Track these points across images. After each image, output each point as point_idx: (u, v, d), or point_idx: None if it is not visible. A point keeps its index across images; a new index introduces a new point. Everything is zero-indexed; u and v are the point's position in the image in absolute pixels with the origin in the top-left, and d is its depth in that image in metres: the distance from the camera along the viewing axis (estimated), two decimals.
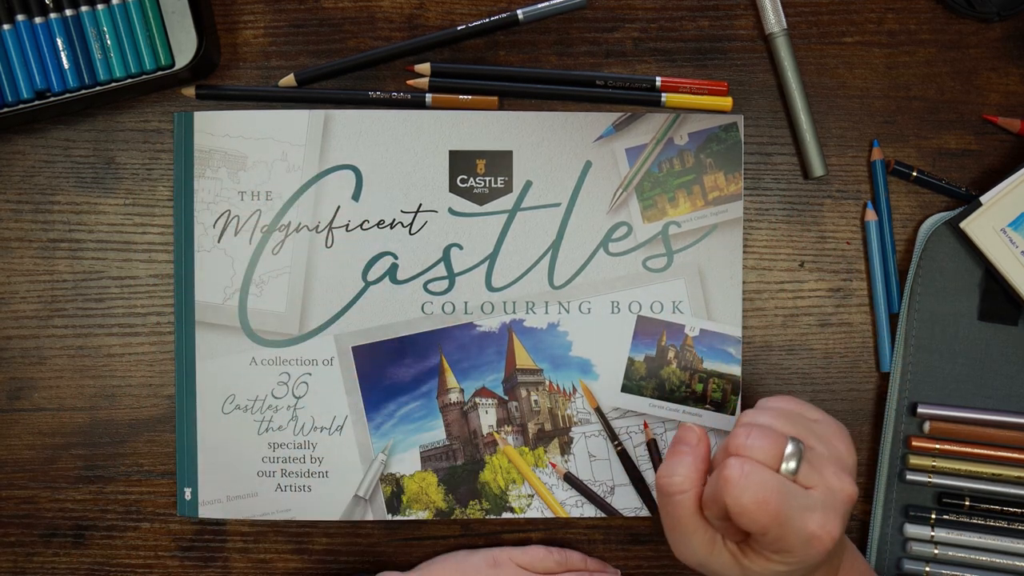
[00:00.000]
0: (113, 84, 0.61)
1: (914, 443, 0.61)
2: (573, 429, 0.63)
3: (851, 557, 0.54)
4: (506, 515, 0.63)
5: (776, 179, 0.63)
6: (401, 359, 0.62)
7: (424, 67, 0.62)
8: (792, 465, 0.46)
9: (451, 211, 0.62)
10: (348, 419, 0.62)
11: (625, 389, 0.63)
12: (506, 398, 0.63)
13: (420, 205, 0.62)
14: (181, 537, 0.63)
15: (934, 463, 0.61)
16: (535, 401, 0.63)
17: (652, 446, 0.63)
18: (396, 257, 0.62)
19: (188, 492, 0.62)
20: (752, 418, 0.49)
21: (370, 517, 0.62)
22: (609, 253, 0.62)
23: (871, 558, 0.62)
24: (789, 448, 0.46)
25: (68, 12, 0.60)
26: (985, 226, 0.60)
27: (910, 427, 0.62)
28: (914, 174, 0.62)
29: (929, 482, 0.62)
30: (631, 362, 0.63)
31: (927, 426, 0.61)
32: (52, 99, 0.60)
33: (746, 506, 0.45)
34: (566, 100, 0.63)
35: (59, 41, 0.60)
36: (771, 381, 0.63)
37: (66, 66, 0.60)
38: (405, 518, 0.62)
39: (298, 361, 0.62)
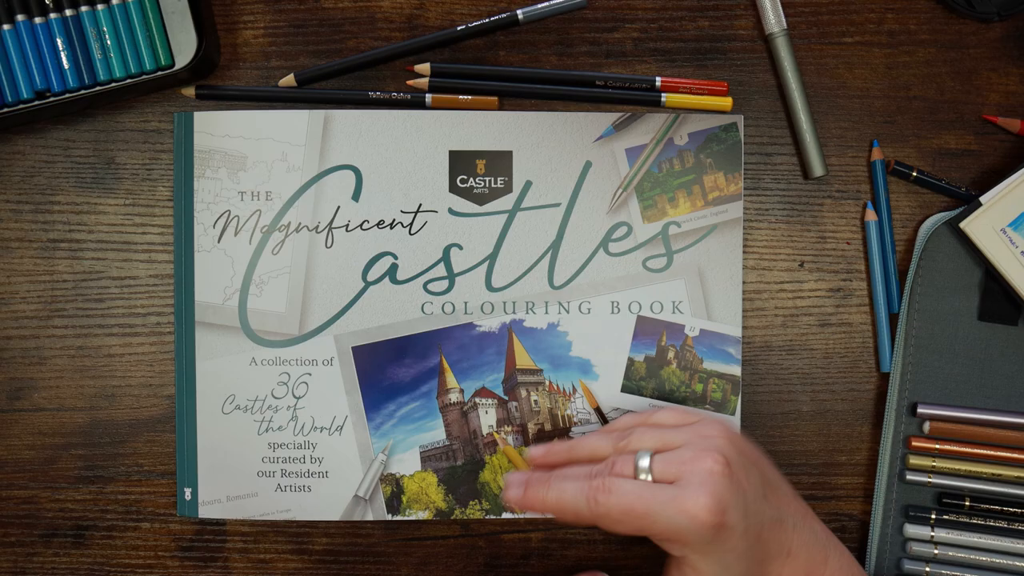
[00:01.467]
0: (113, 84, 0.61)
1: (914, 443, 0.61)
2: (573, 429, 0.63)
3: (839, 557, 0.53)
4: (506, 515, 0.63)
5: (776, 179, 0.63)
6: (401, 359, 0.62)
7: (424, 67, 0.62)
8: (644, 464, 0.49)
9: (451, 211, 0.62)
10: (348, 419, 0.62)
11: (625, 389, 0.63)
12: (506, 398, 0.63)
13: (420, 205, 0.62)
14: (181, 537, 0.64)
15: (934, 463, 0.61)
16: (535, 401, 0.63)
17: None
18: (396, 257, 0.62)
19: (188, 492, 0.62)
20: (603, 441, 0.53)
21: (370, 517, 0.62)
22: (609, 253, 0.62)
23: (871, 558, 0.62)
24: (638, 457, 0.50)
25: (68, 12, 0.60)
26: (985, 226, 0.60)
27: (910, 427, 0.62)
28: (914, 174, 0.62)
29: (929, 482, 0.62)
30: (631, 362, 0.63)
31: (927, 426, 0.61)
32: (52, 99, 0.60)
33: (614, 518, 0.49)
34: (566, 100, 0.63)
35: (59, 41, 0.60)
36: (771, 381, 0.63)
37: (66, 66, 0.60)
38: (405, 518, 0.62)
39: (298, 361, 0.62)
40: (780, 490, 0.52)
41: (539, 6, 0.62)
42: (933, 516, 0.61)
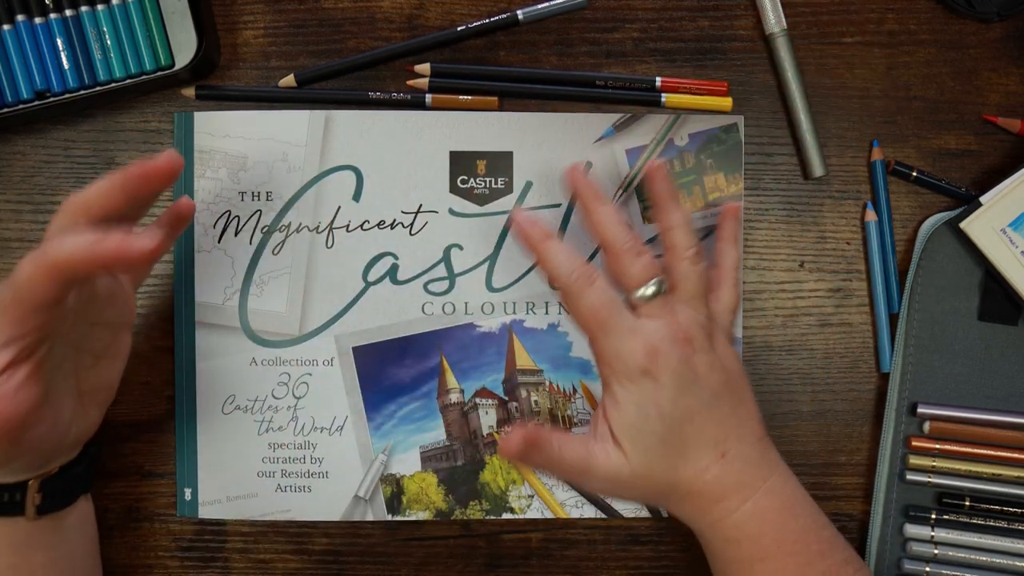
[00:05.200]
0: (113, 84, 0.60)
1: (914, 443, 0.62)
2: (573, 430, 0.63)
3: (782, 482, 0.53)
4: (506, 515, 0.63)
5: (776, 179, 0.63)
6: (401, 359, 0.62)
7: (424, 67, 0.62)
8: (647, 293, 0.52)
9: (451, 212, 0.62)
10: (348, 419, 0.62)
11: None
12: (506, 399, 0.63)
13: (420, 206, 0.62)
14: (181, 537, 0.63)
15: (934, 463, 0.61)
16: (535, 402, 0.63)
17: None
18: (396, 257, 0.62)
19: (188, 492, 0.62)
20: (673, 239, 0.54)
21: (370, 517, 0.62)
22: None
23: (871, 558, 0.62)
24: (652, 283, 0.52)
25: (68, 12, 0.60)
26: (985, 226, 0.60)
27: (910, 427, 0.62)
28: (914, 174, 0.62)
29: (929, 482, 0.62)
30: None
31: (927, 426, 0.61)
32: (52, 99, 0.60)
33: (579, 310, 0.51)
34: (566, 100, 0.63)
35: (59, 41, 0.60)
36: (771, 381, 0.63)
37: (66, 66, 0.60)
38: (405, 518, 0.62)
39: (298, 361, 0.62)
40: (742, 407, 0.53)
41: (539, 6, 0.62)
42: (933, 516, 0.61)
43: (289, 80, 0.62)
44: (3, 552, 0.50)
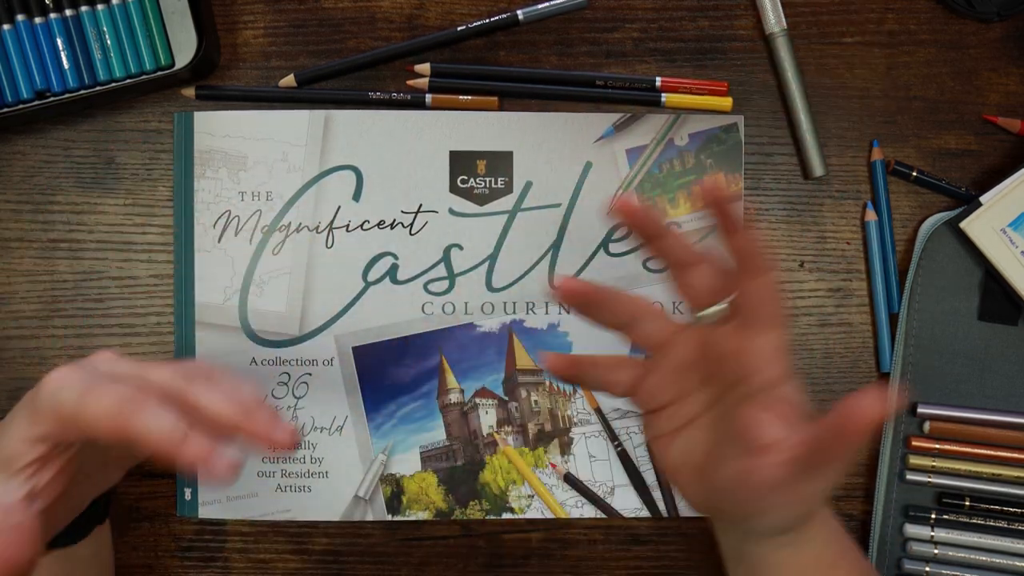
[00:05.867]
0: (113, 84, 0.60)
1: (914, 443, 0.62)
2: (573, 430, 0.63)
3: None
4: (506, 515, 0.63)
5: (776, 179, 0.63)
6: (401, 359, 0.62)
7: (424, 67, 0.62)
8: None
9: (451, 211, 0.62)
10: (348, 419, 0.62)
11: None
12: (506, 398, 0.63)
13: (420, 205, 0.62)
14: (181, 537, 0.63)
15: (934, 463, 0.61)
16: (535, 401, 0.63)
17: None
18: (396, 257, 0.62)
19: (188, 492, 0.62)
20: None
21: (370, 517, 0.62)
22: (609, 254, 0.62)
23: (871, 558, 0.62)
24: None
25: (68, 12, 0.60)
26: (985, 226, 0.60)
27: (910, 427, 0.62)
28: (914, 174, 0.62)
29: (929, 482, 0.62)
30: None
31: (927, 426, 0.61)
32: (52, 99, 0.60)
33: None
34: (566, 100, 0.63)
35: (59, 41, 0.60)
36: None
37: (66, 66, 0.60)
38: (405, 518, 0.62)
39: (298, 361, 0.62)
40: None
41: (539, 6, 0.62)
42: (933, 516, 0.61)
43: (289, 80, 0.62)
44: None
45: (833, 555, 0.49)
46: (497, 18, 0.62)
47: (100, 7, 0.60)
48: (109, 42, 0.60)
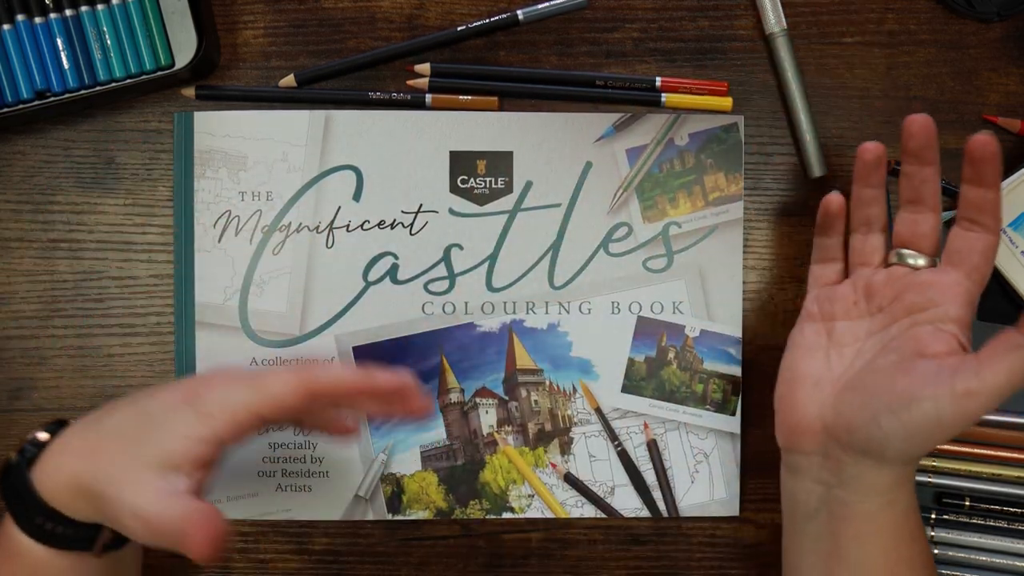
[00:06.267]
0: (113, 84, 0.60)
1: None
2: (573, 429, 0.63)
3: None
4: (506, 515, 0.63)
5: (776, 179, 0.63)
6: (402, 359, 0.62)
7: (424, 67, 0.62)
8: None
9: (451, 211, 0.62)
10: (348, 419, 0.62)
11: (625, 390, 0.63)
12: (506, 398, 0.63)
13: (421, 205, 0.62)
14: None
15: (934, 463, 0.61)
16: (535, 401, 0.63)
17: (652, 447, 0.63)
18: (397, 257, 0.62)
19: None
20: None
21: (370, 517, 0.62)
22: (609, 253, 0.62)
23: None
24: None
25: (68, 12, 0.60)
26: None
27: None
28: None
29: (929, 482, 0.62)
30: (631, 363, 0.63)
31: None
32: (52, 99, 0.60)
33: None
34: (566, 100, 0.63)
35: (59, 41, 0.60)
36: (771, 382, 0.63)
37: (66, 66, 0.60)
38: (405, 518, 0.63)
39: (299, 361, 0.62)
40: None
41: (539, 6, 0.62)
42: (933, 516, 0.61)
43: (289, 80, 0.62)
44: None
45: (914, 526, 0.51)
46: (497, 18, 0.62)
47: (100, 7, 0.60)
48: (109, 42, 0.60)
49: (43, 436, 0.50)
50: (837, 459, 0.50)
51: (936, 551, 0.61)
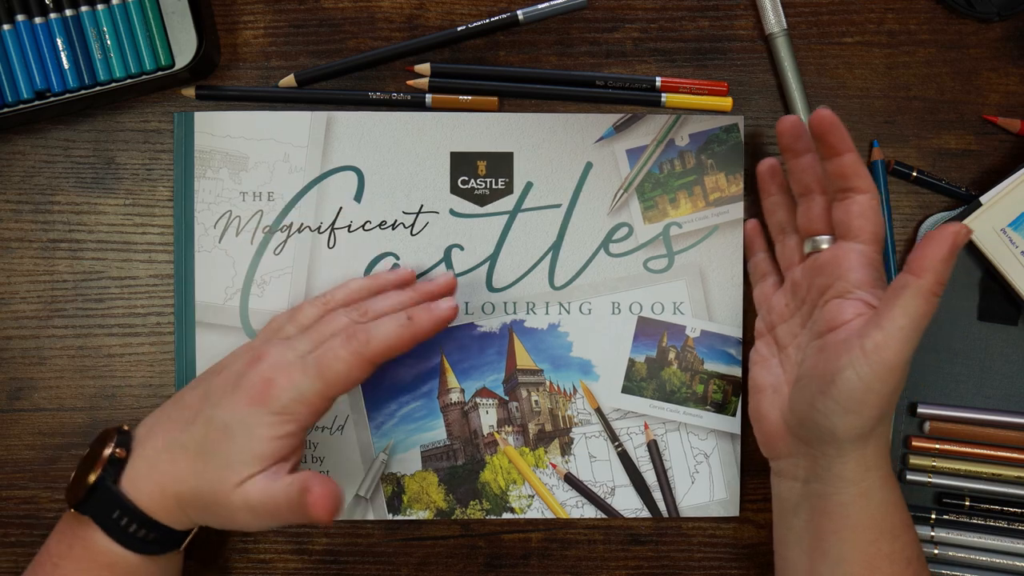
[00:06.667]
0: (113, 84, 0.60)
1: (914, 443, 0.62)
2: (573, 430, 0.63)
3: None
4: (506, 515, 0.63)
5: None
6: (402, 359, 0.62)
7: (424, 67, 0.62)
8: None
9: (452, 212, 0.62)
10: (349, 419, 0.62)
11: (626, 390, 0.63)
12: (506, 398, 0.63)
13: (421, 206, 0.62)
14: None
15: (934, 463, 0.62)
16: (535, 401, 0.63)
17: (653, 447, 0.63)
18: (398, 258, 0.62)
19: None
20: None
21: (371, 516, 0.63)
22: (610, 254, 0.62)
23: None
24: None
25: (68, 12, 0.60)
26: (985, 226, 0.60)
27: (910, 427, 0.62)
28: (914, 174, 0.62)
29: (929, 482, 0.62)
30: (632, 363, 0.63)
31: (927, 426, 0.61)
32: (52, 99, 0.60)
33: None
34: (566, 100, 0.63)
35: (59, 41, 0.60)
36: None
37: (66, 66, 0.60)
38: (406, 517, 0.63)
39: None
40: None
41: (539, 6, 0.62)
42: (933, 516, 0.62)
43: (289, 80, 0.62)
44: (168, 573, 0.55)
45: (894, 523, 0.52)
46: (497, 18, 0.62)
47: (100, 7, 0.60)
48: (109, 42, 0.60)
49: (120, 452, 0.52)
50: (806, 455, 0.52)
51: (936, 551, 0.61)
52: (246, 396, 0.50)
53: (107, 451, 0.52)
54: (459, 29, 0.62)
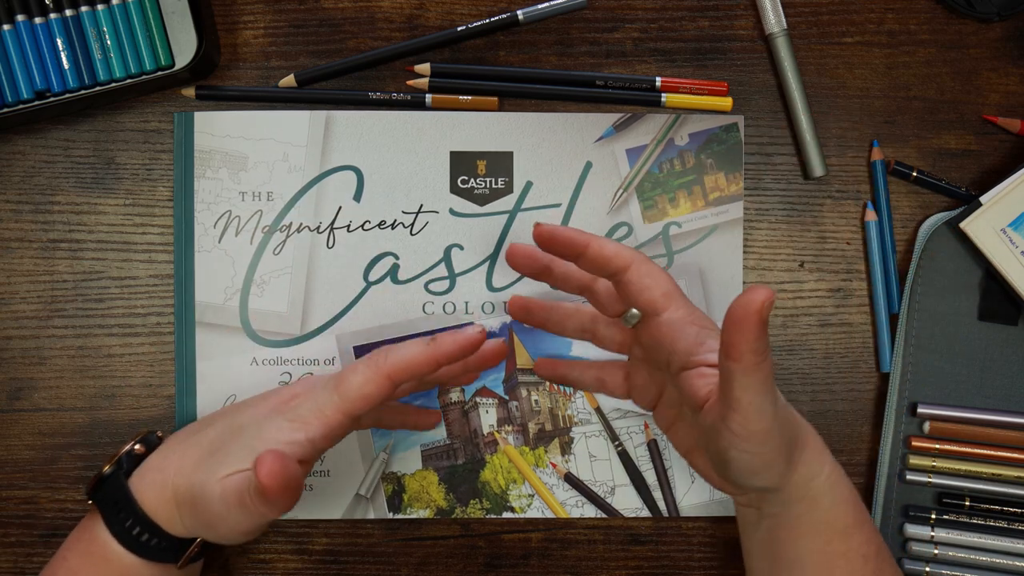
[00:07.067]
0: (113, 84, 0.60)
1: (914, 443, 0.62)
2: (573, 429, 0.63)
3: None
4: (506, 515, 0.63)
5: (776, 179, 0.64)
6: None
7: (424, 67, 0.62)
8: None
9: (452, 212, 0.62)
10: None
11: None
12: (507, 398, 0.63)
13: (421, 206, 0.62)
14: None
15: (934, 463, 0.62)
16: (535, 401, 0.63)
17: (653, 447, 0.63)
18: (397, 257, 0.62)
19: None
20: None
21: (371, 515, 0.63)
22: None
23: None
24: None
25: (68, 12, 0.60)
26: (985, 226, 0.60)
27: (910, 427, 0.62)
28: (914, 174, 0.62)
29: (929, 482, 0.62)
30: None
31: (927, 426, 0.61)
32: (52, 99, 0.60)
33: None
34: (566, 100, 0.63)
35: (59, 41, 0.60)
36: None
37: (66, 66, 0.60)
38: (406, 516, 0.63)
39: (299, 361, 0.62)
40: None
41: (539, 6, 0.62)
42: (933, 516, 0.61)
43: (289, 80, 0.62)
44: None
45: (848, 521, 0.53)
46: (497, 18, 0.62)
47: (100, 7, 0.60)
48: (109, 42, 0.60)
49: (139, 448, 0.54)
50: (750, 492, 0.53)
51: (936, 551, 0.61)
52: (270, 405, 0.52)
53: (128, 446, 0.54)
54: (459, 29, 0.62)
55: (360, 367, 0.50)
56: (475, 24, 0.62)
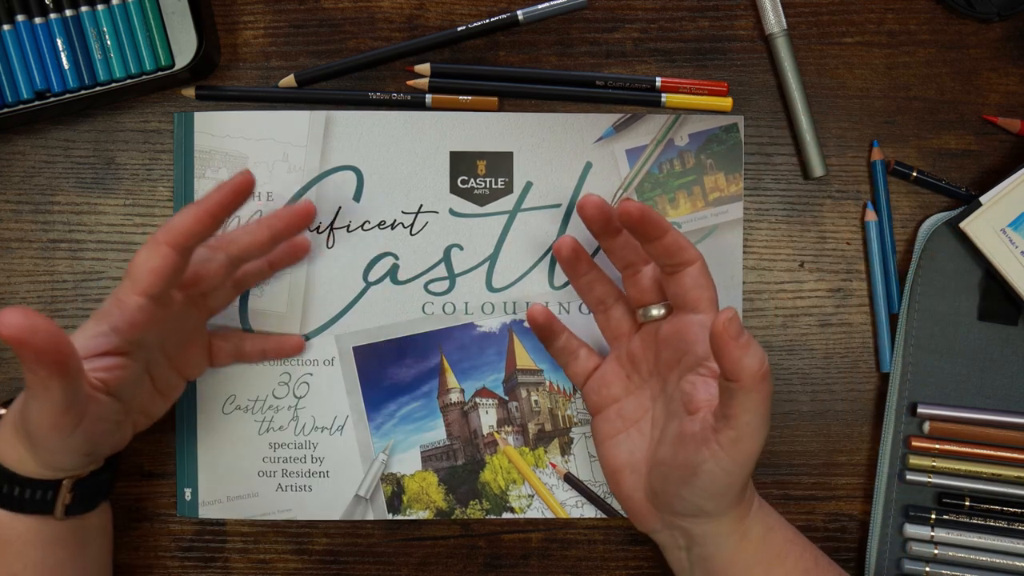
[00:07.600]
0: (113, 84, 0.60)
1: (914, 443, 0.62)
2: (573, 429, 0.63)
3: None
4: (506, 515, 0.63)
5: (776, 179, 0.64)
6: (402, 359, 0.62)
7: (424, 67, 0.62)
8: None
9: (452, 212, 0.62)
10: (349, 419, 0.62)
11: None
12: (506, 398, 0.63)
13: (421, 206, 0.62)
14: (181, 537, 0.63)
15: (934, 463, 0.61)
16: (535, 401, 0.63)
17: None
18: (397, 258, 0.62)
19: (188, 492, 0.62)
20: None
21: (371, 516, 0.62)
22: None
23: (871, 558, 0.62)
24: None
25: (68, 12, 0.60)
26: (985, 226, 0.60)
27: (910, 427, 0.62)
28: (914, 174, 0.62)
29: (929, 482, 0.62)
30: None
31: (927, 426, 0.61)
32: (52, 99, 0.60)
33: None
34: (566, 100, 0.63)
35: (59, 41, 0.60)
36: (771, 381, 0.63)
37: (66, 66, 0.60)
38: (406, 517, 0.63)
39: (299, 361, 0.62)
40: None
41: (539, 6, 0.62)
42: (933, 516, 0.61)
43: (289, 80, 0.62)
44: (33, 547, 0.52)
45: (778, 546, 0.54)
46: (497, 18, 0.62)
47: (100, 7, 0.60)
48: (109, 42, 0.60)
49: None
50: (680, 527, 0.54)
51: (936, 551, 0.61)
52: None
53: None
54: (459, 29, 0.62)
55: (142, 247, 0.50)
56: (475, 24, 0.62)
